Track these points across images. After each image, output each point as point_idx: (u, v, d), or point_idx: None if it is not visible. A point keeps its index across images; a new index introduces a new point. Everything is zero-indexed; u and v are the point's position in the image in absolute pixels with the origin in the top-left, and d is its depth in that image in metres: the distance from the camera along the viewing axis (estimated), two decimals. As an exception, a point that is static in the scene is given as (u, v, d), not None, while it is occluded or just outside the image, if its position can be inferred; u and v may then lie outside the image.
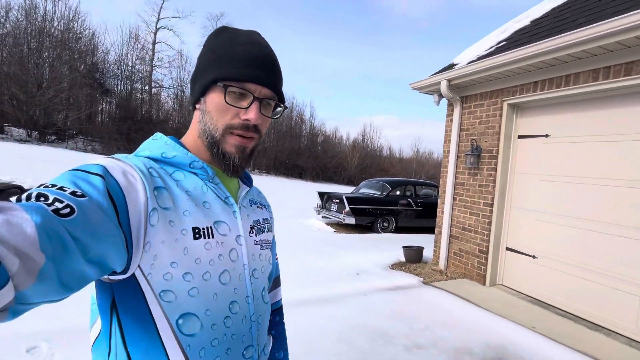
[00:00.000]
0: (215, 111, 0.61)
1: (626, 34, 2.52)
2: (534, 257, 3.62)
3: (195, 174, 0.62)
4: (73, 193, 0.42)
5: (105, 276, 0.51)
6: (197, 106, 0.64)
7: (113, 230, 0.45)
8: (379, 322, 2.82)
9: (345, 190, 11.93)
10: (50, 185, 0.43)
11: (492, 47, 4.05)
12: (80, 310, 2.45)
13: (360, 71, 75.83)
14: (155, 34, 27.24)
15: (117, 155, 0.57)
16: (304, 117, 33.46)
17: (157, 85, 27.19)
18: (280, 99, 0.65)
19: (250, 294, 0.64)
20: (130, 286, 0.52)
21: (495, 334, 2.76)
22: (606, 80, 2.88)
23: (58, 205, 0.39)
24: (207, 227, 0.58)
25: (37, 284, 0.34)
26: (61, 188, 0.43)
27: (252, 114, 0.60)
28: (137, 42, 25.56)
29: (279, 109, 0.67)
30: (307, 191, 13.29)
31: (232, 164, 0.63)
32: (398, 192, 8.44)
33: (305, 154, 30.64)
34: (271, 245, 0.78)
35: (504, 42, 3.96)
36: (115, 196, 0.47)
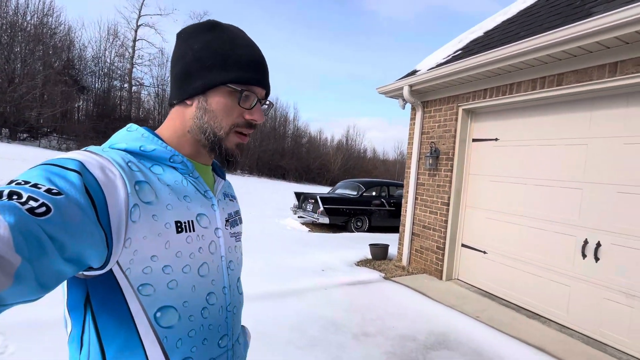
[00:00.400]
0: (222, 111, 0.62)
1: (555, 47, 2.78)
2: (484, 252, 3.88)
3: (174, 168, 0.62)
4: (48, 190, 0.41)
5: (80, 272, 0.50)
6: (189, 102, 0.64)
7: (91, 228, 0.44)
8: (334, 314, 2.98)
9: (326, 191, 12.10)
10: (22, 182, 0.41)
11: (449, 56, 4.31)
12: (36, 304, 2.49)
13: (347, 73, 76.53)
14: (136, 31, 26.73)
15: (92, 148, 0.55)
16: (287, 118, 33.56)
17: (138, 83, 26.70)
18: (267, 95, 0.71)
19: (227, 284, 0.66)
20: (107, 281, 0.51)
21: (440, 323, 2.97)
22: (542, 89, 3.15)
23: (33, 204, 0.38)
24: (189, 221, 0.59)
25: (14, 286, 0.33)
26: (35, 185, 0.41)
27: (257, 115, 0.65)
28: (116, 39, 25.02)
29: (265, 106, 0.71)
30: (289, 192, 13.40)
31: (235, 160, 0.67)
32: (374, 193, 8.68)
33: (288, 155, 30.70)
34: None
35: (459, 52, 4.23)
36: (94, 193, 0.46)
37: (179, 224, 0.56)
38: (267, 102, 0.71)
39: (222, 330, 0.64)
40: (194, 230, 0.59)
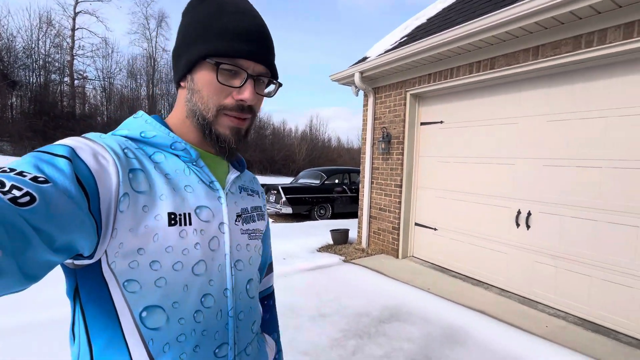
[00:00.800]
0: (206, 90, 0.56)
1: (486, 33, 2.97)
2: (435, 229, 4.12)
3: (177, 155, 0.58)
4: (34, 179, 0.38)
5: (70, 261, 0.49)
6: (183, 84, 0.60)
7: (82, 217, 0.42)
8: (292, 299, 3.03)
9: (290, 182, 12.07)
10: (8, 170, 0.39)
11: (396, 42, 4.43)
12: (5, 309, 2.40)
13: (310, 63, 75.90)
14: (74, 19, 24.40)
15: (90, 135, 0.52)
16: (249, 109, 32.72)
17: (80, 76, 24.54)
18: (273, 74, 0.62)
19: (229, 286, 0.59)
20: (94, 274, 0.49)
21: (394, 297, 3.14)
22: (478, 72, 3.36)
23: (16, 193, 0.35)
24: (185, 214, 0.54)
25: None
26: (20, 173, 0.38)
27: (247, 94, 0.56)
28: (50, 28, 22.69)
29: (272, 85, 0.63)
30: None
31: (227, 147, 0.60)
32: (336, 180, 8.81)
33: (252, 148, 30.08)
34: (263, 234, 0.75)
35: (405, 38, 4.36)
36: (85, 181, 0.44)
37: (172, 216, 0.52)
38: (275, 82, 0.62)
39: (220, 337, 0.57)
40: (190, 224, 0.54)
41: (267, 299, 0.87)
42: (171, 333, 0.52)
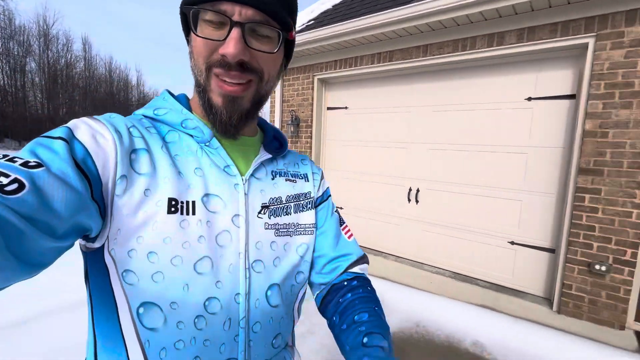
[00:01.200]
0: (195, 49, 0.48)
1: (385, 27, 3.24)
2: (341, 208, 4.44)
3: (190, 135, 0.52)
4: (25, 164, 0.36)
5: (83, 242, 0.47)
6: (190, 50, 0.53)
7: (84, 201, 0.39)
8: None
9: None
10: (1, 157, 0.37)
11: (303, 25, 4.43)
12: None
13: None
14: None
15: (104, 115, 0.48)
16: (129, 82, 28.19)
17: None
18: (284, 25, 0.48)
19: (243, 291, 0.50)
20: (98, 258, 0.46)
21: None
22: (378, 63, 3.67)
23: (3, 180, 0.33)
24: (188, 202, 0.47)
25: None
26: (12, 159, 0.36)
27: (229, 47, 0.44)
28: None
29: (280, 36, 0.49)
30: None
31: (217, 119, 0.50)
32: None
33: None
34: (312, 229, 0.62)
35: (312, 22, 4.40)
36: (82, 162, 0.40)
37: (172, 202, 0.46)
38: (282, 32, 0.48)
39: (226, 350, 0.49)
40: (193, 214, 0.47)
41: (353, 280, 0.66)
42: (168, 337, 0.46)
